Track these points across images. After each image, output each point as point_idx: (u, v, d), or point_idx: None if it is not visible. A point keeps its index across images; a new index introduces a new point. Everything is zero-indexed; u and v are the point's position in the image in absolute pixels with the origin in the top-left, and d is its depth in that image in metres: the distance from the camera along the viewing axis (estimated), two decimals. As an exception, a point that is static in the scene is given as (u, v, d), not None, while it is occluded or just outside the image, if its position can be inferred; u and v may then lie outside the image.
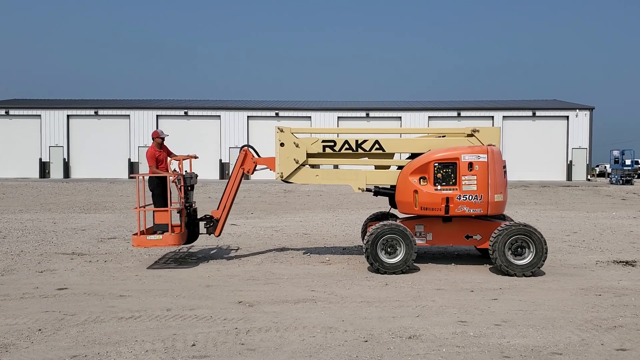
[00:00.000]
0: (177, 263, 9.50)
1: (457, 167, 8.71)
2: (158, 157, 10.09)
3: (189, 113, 40.44)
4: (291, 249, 10.81)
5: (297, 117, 40.16)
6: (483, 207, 8.68)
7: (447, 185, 8.73)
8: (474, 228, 9.06)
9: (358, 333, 5.64)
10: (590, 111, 40.19)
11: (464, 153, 8.74)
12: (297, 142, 9.49)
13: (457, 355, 5.02)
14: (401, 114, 40.34)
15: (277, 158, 9.57)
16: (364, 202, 21.60)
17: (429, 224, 9.12)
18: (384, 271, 8.53)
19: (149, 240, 9.15)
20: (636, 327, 5.83)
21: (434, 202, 8.73)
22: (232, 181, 9.82)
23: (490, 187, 8.66)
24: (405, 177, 9.01)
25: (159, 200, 9.84)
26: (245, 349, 5.20)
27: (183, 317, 6.23)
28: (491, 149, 8.81)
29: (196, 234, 10.02)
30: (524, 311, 6.48)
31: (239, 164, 9.84)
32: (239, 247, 11.09)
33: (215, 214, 9.84)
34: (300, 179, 9.62)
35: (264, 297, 7.15)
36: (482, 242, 9.04)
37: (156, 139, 10.19)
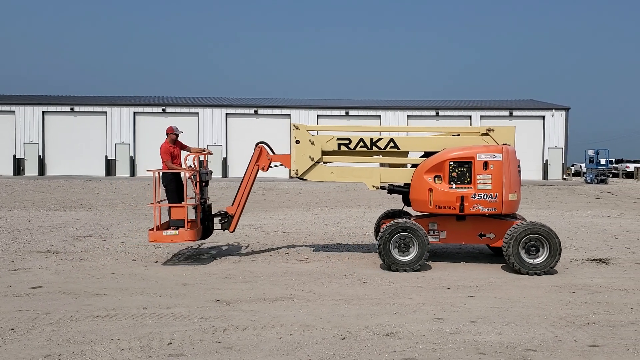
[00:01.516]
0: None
1: (472, 166, 8.74)
2: (172, 152, 10.06)
3: (166, 110, 40.07)
4: (269, 247, 10.79)
5: (276, 115, 40.08)
6: (497, 206, 8.72)
7: (462, 184, 8.76)
8: (487, 227, 9.09)
9: (336, 331, 5.65)
10: (566, 111, 40.76)
11: (480, 152, 8.78)
12: (313, 140, 9.48)
13: (433, 352, 5.06)
14: (380, 113, 40.48)
15: (292, 155, 9.57)
16: (343, 201, 21.66)
17: (442, 222, 9.15)
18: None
19: (165, 236, 9.09)
20: (609, 324, 5.93)
21: (449, 200, 8.75)
22: (246, 178, 9.81)
23: (505, 186, 8.69)
24: (420, 175, 9.02)
25: (173, 196, 9.76)
26: (222, 347, 5.18)
27: (159, 316, 6.18)
28: (506, 148, 8.86)
29: (210, 229, 9.96)
30: (500, 308, 6.56)
31: (253, 161, 9.82)
32: (216, 244, 11.03)
33: (230, 210, 9.82)
34: (315, 176, 9.63)
35: (242, 295, 7.13)
36: (496, 241, 9.09)
37: (170, 134, 10.18)
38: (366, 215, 16.75)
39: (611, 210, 18.46)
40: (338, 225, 14.26)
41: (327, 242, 11.53)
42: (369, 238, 12.08)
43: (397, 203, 20.75)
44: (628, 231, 13.22)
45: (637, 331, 5.67)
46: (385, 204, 20.32)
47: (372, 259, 9.68)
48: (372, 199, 22.24)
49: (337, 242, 11.43)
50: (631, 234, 12.71)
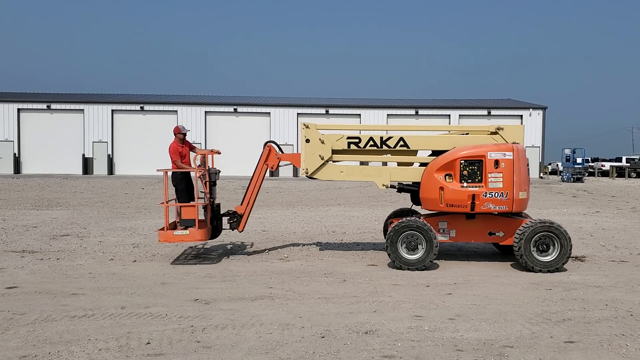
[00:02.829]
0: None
1: (483, 164, 8.77)
2: (181, 151, 9.97)
3: (145, 108, 39.72)
4: (249, 246, 10.76)
5: (256, 113, 39.97)
6: (508, 205, 8.76)
7: (473, 182, 8.78)
8: (496, 225, 9.14)
9: (315, 329, 5.66)
10: (543, 110, 41.28)
11: (490, 150, 8.82)
12: (323, 139, 9.45)
13: (412, 350, 5.09)
14: (360, 111, 40.58)
15: (303, 154, 9.52)
16: (323, 199, 21.68)
17: (452, 220, 9.18)
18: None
19: (176, 236, 9.01)
20: (584, 320, 6.02)
21: (460, 199, 8.77)
22: (255, 177, 9.76)
23: (515, 185, 8.73)
24: (431, 174, 9.03)
25: (183, 195, 9.68)
26: (201, 347, 5.16)
27: (138, 315, 6.13)
28: (516, 147, 8.91)
29: (219, 229, 9.89)
30: (477, 305, 6.62)
31: (262, 160, 9.76)
32: (195, 244, 10.97)
33: (239, 210, 9.76)
34: (325, 175, 9.59)
35: (221, 294, 7.10)
36: (505, 239, 9.14)
37: (178, 134, 10.09)
38: (346, 213, 16.78)
39: (587, 209, 18.74)
40: (318, 223, 14.27)
41: (307, 240, 11.53)
42: (349, 237, 12.12)
43: (377, 202, 20.85)
44: (603, 229, 13.43)
45: (612, 327, 5.77)
46: (365, 203, 20.39)
47: (352, 257, 9.71)
48: (352, 198, 22.30)
49: (317, 241, 11.44)
50: (606, 232, 12.91)
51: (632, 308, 6.50)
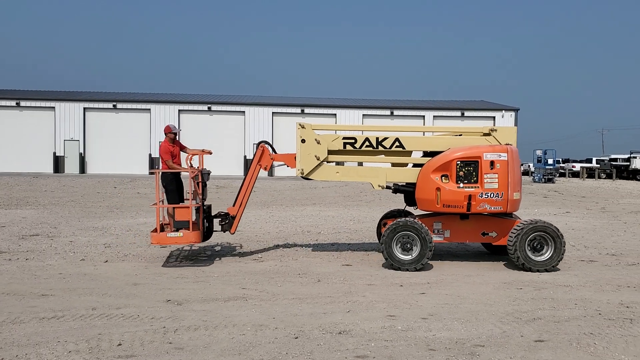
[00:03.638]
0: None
1: (479, 165, 8.85)
2: (172, 151, 9.71)
3: (117, 106, 39.19)
4: (223, 246, 10.69)
5: (230, 112, 39.72)
6: (503, 205, 8.85)
7: (469, 183, 8.85)
8: (489, 225, 9.24)
9: (289, 330, 5.65)
10: (515, 112, 41.88)
11: (486, 152, 8.90)
12: (319, 139, 9.37)
13: (385, 350, 5.11)
14: (336, 111, 40.62)
15: (298, 154, 9.43)
16: (298, 199, 21.66)
17: (447, 221, 9.23)
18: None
19: (170, 238, 8.81)
20: (554, 319, 6.12)
21: (457, 199, 8.83)
22: (249, 178, 9.60)
23: (510, 185, 8.84)
24: (427, 174, 9.05)
25: (173, 196, 9.45)
26: (173, 348, 5.11)
27: (109, 316, 6.05)
28: (511, 148, 9.04)
29: (210, 231, 9.68)
30: (450, 305, 6.68)
31: (256, 160, 9.63)
32: (168, 244, 10.84)
33: (232, 211, 9.57)
34: (321, 176, 9.52)
35: (194, 295, 7.04)
36: (498, 239, 9.24)
37: (168, 134, 9.85)
38: (321, 213, 16.80)
39: (557, 209, 19.06)
40: (293, 223, 14.25)
41: (281, 240, 11.50)
42: (324, 236, 12.12)
43: (353, 202, 20.91)
44: (573, 229, 13.67)
45: (581, 326, 5.87)
46: (340, 203, 20.43)
47: (326, 257, 9.72)
48: (327, 197, 22.33)
49: (291, 241, 11.42)
50: (576, 232, 13.14)
51: (601, 307, 6.62)
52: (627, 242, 11.69)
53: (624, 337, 5.54)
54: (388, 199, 21.87)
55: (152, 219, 14.58)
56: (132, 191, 23.63)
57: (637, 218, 16.50)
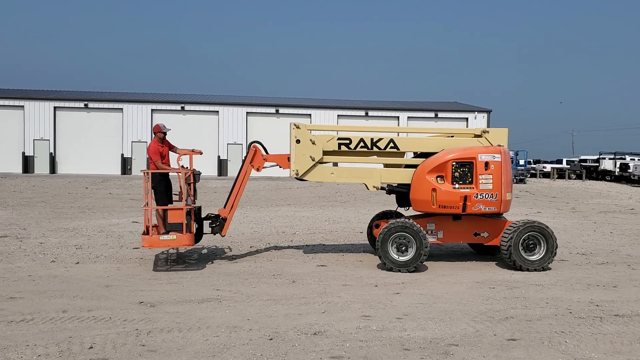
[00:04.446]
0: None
1: (473, 166, 8.89)
2: (161, 152, 9.42)
3: (89, 105, 38.57)
4: (196, 248, 10.60)
5: (204, 112, 39.36)
6: (497, 205, 8.94)
7: (464, 183, 8.89)
8: (481, 226, 9.31)
9: (263, 331, 5.62)
10: (488, 113, 42.38)
11: (481, 153, 8.96)
12: (314, 139, 9.27)
13: (360, 350, 5.12)
14: (311, 112, 40.57)
15: (293, 155, 9.29)
16: (273, 199, 21.60)
17: (440, 222, 9.26)
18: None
19: (162, 241, 8.56)
20: (526, 318, 6.20)
21: (453, 200, 8.85)
22: (240, 179, 9.42)
23: (503, 186, 8.93)
24: (422, 175, 9.05)
25: (162, 197, 9.17)
26: (146, 351, 5.04)
27: (80, 319, 5.94)
28: (504, 149, 9.12)
29: (201, 233, 9.46)
30: (424, 304, 6.72)
31: (248, 161, 9.47)
32: (140, 245, 10.70)
33: (223, 213, 9.38)
34: (316, 177, 9.41)
35: (167, 297, 6.96)
36: (490, 239, 9.33)
37: (158, 133, 9.49)
38: (296, 214, 16.77)
39: (529, 209, 19.34)
40: (267, 224, 14.20)
41: (255, 241, 11.45)
42: (299, 237, 12.11)
43: (328, 202, 20.93)
44: (544, 229, 13.85)
45: (552, 325, 5.96)
46: (315, 203, 20.44)
47: (301, 258, 9.70)
48: (302, 198, 22.31)
49: (266, 242, 11.38)
50: (547, 232, 13.32)
51: (571, 306, 6.73)
52: (597, 242, 11.91)
53: (594, 335, 5.64)
54: (363, 199, 21.95)
55: (125, 220, 14.39)
56: (104, 192, 23.31)
57: (606, 218, 16.84)
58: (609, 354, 5.09)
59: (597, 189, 30.80)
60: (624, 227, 14.59)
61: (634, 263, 9.56)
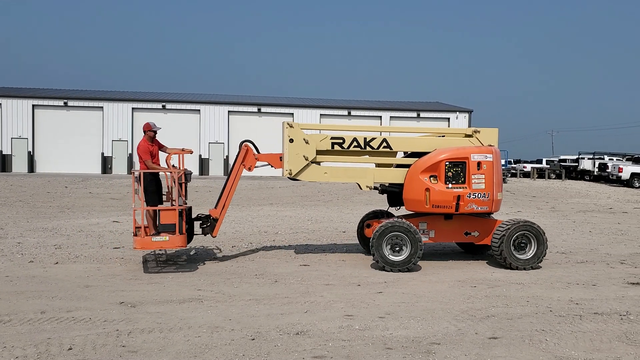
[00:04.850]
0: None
1: (466, 166, 8.92)
2: (151, 151, 9.19)
3: (68, 103, 38.11)
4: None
5: (185, 110, 39.11)
6: (489, 205, 8.99)
7: (457, 183, 8.91)
8: (472, 225, 9.36)
9: (245, 331, 5.59)
10: (469, 114, 42.71)
11: (474, 153, 9.00)
12: (307, 139, 9.18)
13: (342, 349, 5.12)
14: (293, 111, 40.53)
15: (286, 155, 9.18)
16: (254, 199, 21.53)
17: (431, 221, 9.28)
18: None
19: (155, 242, 8.40)
20: (507, 317, 6.25)
21: (446, 200, 8.87)
22: (232, 179, 9.28)
23: (495, 186, 8.99)
24: (416, 175, 9.04)
25: (153, 197, 8.94)
26: (126, 351, 4.98)
27: (59, 320, 5.86)
28: (495, 149, 9.18)
29: (191, 234, 9.27)
30: (406, 303, 6.74)
31: (239, 161, 9.33)
32: (121, 245, 10.62)
33: (214, 213, 9.21)
34: (309, 177, 9.32)
35: (148, 297, 6.89)
36: (480, 239, 9.39)
37: (148, 132, 9.25)
38: (278, 213, 16.73)
39: (509, 208, 19.49)
40: (249, 224, 14.15)
41: (237, 241, 11.40)
42: (281, 237, 12.07)
43: (310, 202, 20.91)
44: (524, 228, 13.97)
45: (533, 323, 6.01)
46: (298, 203, 20.41)
47: (284, 257, 9.67)
48: (284, 197, 22.27)
49: (248, 241, 11.33)
50: (527, 231, 13.44)
51: (551, 304, 6.80)
52: (576, 241, 12.05)
53: (574, 333, 5.70)
54: (346, 199, 21.98)
55: (105, 220, 14.24)
56: (83, 191, 23.04)
57: (586, 217, 17.04)
58: (588, 352, 5.15)
59: (576, 189, 31.19)
60: (602, 226, 14.79)
61: (613, 262, 9.68)
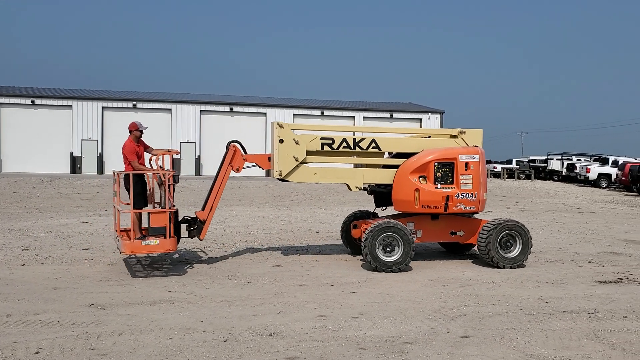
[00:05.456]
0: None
1: (454, 166, 8.98)
2: (138, 151, 8.91)
3: (36, 102, 37.35)
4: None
5: (156, 109, 38.60)
6: (476, 205, 9.10)
7: (445, 184, 8.97)
8: (458, 225, 9.44)
9: (217, 333, 5.53)
10: (441, 115, 43.16)
11: (461, 153, 9.07)
12: (297, 139, 9.08)
13: (315, 350, 5.10)
14: (266, 110, 40.39)
15: (276, 155, 9.04)
16: (227, 199, 21.37)
17: (419, 221, 9.31)
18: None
19: (145, 246, 8.13)
20: (478, 315, 6.31)
21: (435, 200, 8.91)
22: (219, 180, 9.07)
23: (481, 186, 9.09)
24: (405, 176, 9.04)
25: (139, 200, 8.62)
26: (96, 354, 4.89)
27: (26, 323, 5.72)
28: (481, 150, 9.29)
29: (178, 237, 8.93)
30: (380, 303, 6.76)
31: (227, 162, 9.12)
32: (90, 246, 10.44)
33: (202, 215, 8.99)
34: (299, 178, 9.21)
35: (118, 299, 6.78)
36: (466, 238, 9.49)
37: (134, 131, 8.96)
38: (251, 213, 16.65)
39: (480, 208, 19.71)
40: (221, 224, 14.04)
41: (209, 242, 11.28)
42: (254, 237, 12.01)
43: (283, 202, 20.86)
44: (495, 227, 14.15)
45: (504, 322, 6.08)
46: (271, 203, 20.35)
47: (256, 258, 9.62)
48: (257, 198, 22.18)
49: (220, 242, 11.24)
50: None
51: (522, 303, 6.89)
52: (545, 240, 12.24)
53: (544, 331, 5.78)
54: (319, 199, 21.99)
55: (74, 220, 13.98)
56: (52, 191, 22.60)
57: (554, 217, 17.34)
58: (558, 350, 5.22)
59: (545, 189, 31.72)
60: (571, 225, 15.06)
61: (581, 261, 9.86)
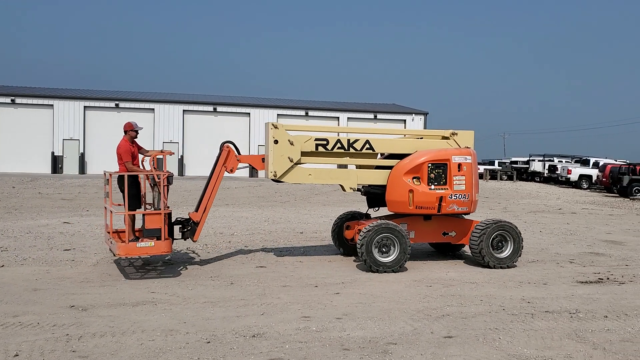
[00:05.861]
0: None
1: (447, 167, 9.03)
2: (133, 152, 8.76)
3: (16, 101, 36.85)
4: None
5: (138, 109, 38.24)
6: (468, 205, 9.16)
7: (439, 185, 9.00)
8: (450, 225, 9.49)
9: (200, 334, 5.50)
10: (425, 116, 43.40)
11: (454, 154, 9.12)
12: (292, 140, 9.03)
13: (299, 351, 5.09)
14: (250, 110, 40.29)
15: (270, 156, 8.97)
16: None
17: (411, 222, 9.33)
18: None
19: (140, 248, 8.04)
20: (461, 315, 6.34)
21: (429, 201, 8.95)
22: (213, 181, 9.02)
23: (474, 187, 9.14)
24: (399, 177, 9.05)
25: (133, 201, 8.51)
26: (77, 357, 4.83)
27: (5, 325, 5.64)
28: (472, 151, 9.34)
29: (172, 239, 8.75)
30: (364, 304, 6.76)
31: (221, 162, 9.06)
32: (72, 247, 10.31)
33: (195, 217, 8.88)
34: (293, 179, 9.17)
35: (99, 300, 6.71)
36: (458, 239, 9.54)
37: (130, 132, 8.83)
38: (234, 214, 16.59)
39: (463, 209, 19.83)
40: (205, 225, 13.86)
41: (192, 242, 11.17)
42: (237, 238, 11.95)
43: (267, 202, 20.82)
44: (478, 228, 14.24)
45: (486, 322, 6.12)
46: (254, 203, 20.28)
47: (240, 259, 9.58)
48: (241, 198, 22.10)
49: (203, 243, 11.17)
50: (480, 231, 13.70)
51: (504, 303, 6.93)
52: (527, 240, 12.32)
53: (526, 331, 5.83)
54: (303, 199, 21.97)
55: (55, 221, 13.81)
56: (32, 191, 22.32)
57: (536, 217, 17.49)
58: (540, 350, 5.26)
59: (527, 190, 32.01)
60: (552, 226, 15.20)
61: (562, 261, 9.96)
